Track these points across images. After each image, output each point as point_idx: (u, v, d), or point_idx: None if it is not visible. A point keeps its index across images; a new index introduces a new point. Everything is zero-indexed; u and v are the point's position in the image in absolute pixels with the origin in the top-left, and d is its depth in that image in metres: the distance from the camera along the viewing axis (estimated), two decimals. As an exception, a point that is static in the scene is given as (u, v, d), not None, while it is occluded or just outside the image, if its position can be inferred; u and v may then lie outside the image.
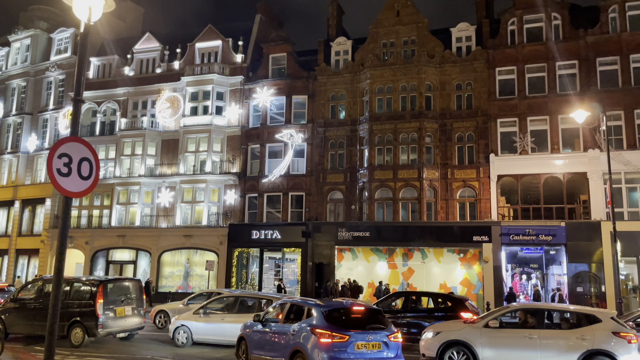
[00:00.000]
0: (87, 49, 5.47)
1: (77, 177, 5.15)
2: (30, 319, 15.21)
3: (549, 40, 29.10)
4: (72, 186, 5.11)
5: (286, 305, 10.81)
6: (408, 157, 30.08)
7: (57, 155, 5.04)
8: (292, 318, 10.46)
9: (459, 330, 11.20)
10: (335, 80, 32.85)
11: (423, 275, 28.69)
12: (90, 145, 5.43)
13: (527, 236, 26.88)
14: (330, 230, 30.50)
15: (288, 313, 10.60)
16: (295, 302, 10.77)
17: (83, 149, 5.29)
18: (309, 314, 9.84)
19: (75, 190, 5.15)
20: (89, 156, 5.34)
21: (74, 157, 5.16)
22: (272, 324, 10.77)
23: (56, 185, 5.02)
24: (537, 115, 28.72)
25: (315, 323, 9.46)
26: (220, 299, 15.32)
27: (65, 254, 4.96)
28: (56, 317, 4.85)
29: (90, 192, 5.34)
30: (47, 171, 5.03)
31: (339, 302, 10.50)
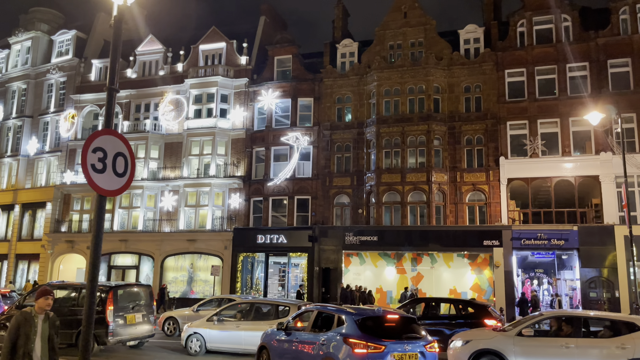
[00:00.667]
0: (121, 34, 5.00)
1: (112, 173, 4.67)
2: (37, 326, 14.64)
3: (559, 42, 28.74)
4: (107, 184, 4.64)
5: (313, 313, 10.27)
6: (416, 161, 29.63)
7: (91, 149, 4.56)
8: (320, 326, 9.94)
9: (491, 339, 10.71)
10: (342, 82, 32.42)
11: (432, 281, 28.20)
12: (125, 139, 4.95)
13: (539, 240, 26.43)
14: (337, 234, 30.02)
15: (315, 321, 10.08)
16: (323, 310, 10.24)
17: (118, 143, 4.81)
18: (339, 323, 9.32)
19: (110, 188, 4.67)
20: (124, 151, 4.86)
21: (108, 152, 4.69)
22: (298, 332, 10.23)
23: (91, 182, 4.54)
24: (547, 118, 28.32)
25: (348, 332, 8.93)
26: (234, 306, 14.79)
27: (100, 258, 4.48)
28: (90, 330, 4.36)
29: (124, 190, 4.86)
30: (82, 167, 4.55)
31: (372, 309, 9.98)
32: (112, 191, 4.68)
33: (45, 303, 5.89)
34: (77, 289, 14.78)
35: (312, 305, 11.63)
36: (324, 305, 10.83)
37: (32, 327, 5.64)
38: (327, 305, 10.87)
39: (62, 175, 37.10)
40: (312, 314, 10.26)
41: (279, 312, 13.63)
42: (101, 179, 4.58)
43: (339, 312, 9.56)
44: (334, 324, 9.48)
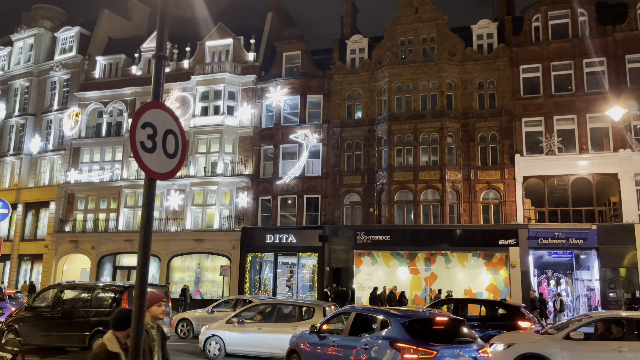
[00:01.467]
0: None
1: (162, 153, 4.04)
2: (47, 329, 13.96)
3: (575, 37, 28.15)
4: (157, 165, 4.00)
5: (350, 315, 9.57)
6: (429, 158, 29.01)
7: (140, 125, 3.93)
8: (359, 330, 9.26)
9: (536, 343, 10.05)
10: (352, 79, 31.78)
11: (447, 281, 27.55)
12: (176, 115, 4.31)
13: (557, 240, 25.80)
14: (347, 234, 29.38)
15: (353, 324, 9.39)
16: (362, 311, 9.57)
17: (168, 118, 4.17)
18: (383, 325, 8.63)
19: (161, 170, 4.04)
20: (175, 128, 4.22)
21: (158, 129, 4.05)
22: (333, 336, 9.55)
23: (140, 163, 3.90)
24: (564, 115, 27.70)
25: (394, 336, 8.24)
26: (254, 307, 14.11)
27: (150, 254, 3.85)
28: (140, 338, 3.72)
29: (175, 174, 4.22)
30: (131, 145, 3.92)
31: (417, 311, 9.30)
32: (162, 174, 4.05)
33: (160, 311, 5.02)
34: (90, 290, 14.11)
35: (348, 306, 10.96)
36: (363, 307, 10.14)
37: (151, 341, 4.84)
38: (366, 307, 10.20)
39: (66, 174, 36.44)
40: (350, 316, 9.55)
41: (303, 313, 12.96)
42: (151, 159, 3.95)
43: (382, 314, 8.87)
44: (377, 326, 8.79)
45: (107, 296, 13.78)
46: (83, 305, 13.98)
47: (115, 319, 4.44)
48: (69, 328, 13.62)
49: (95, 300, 13.88)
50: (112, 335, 4.39)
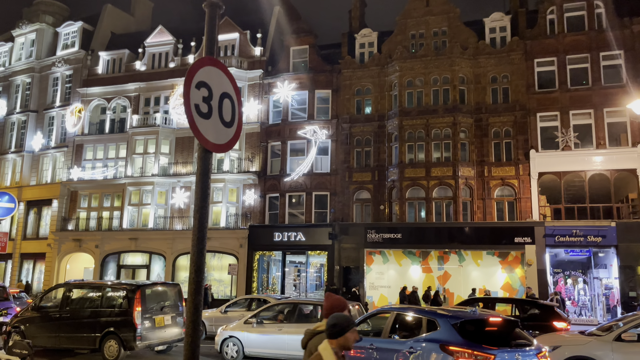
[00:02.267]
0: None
1: (218, 120, 3.38)
2: (55, 330, 13.26)
3: (591, 30, 27.48)
4: (214, 134, 3.34)
5: (390, 315, 8.83)
6: (441, 154, 28.34)
7: (194, 84, 3.25)
8: (400, 332, 8.54)
9: (584, 345, 9.36)
10: (361, 73, 31.09)
11: (460, 280, 26.89)
12: (232, 75, 3.63)
13: (574, 237, 25.13)
14: (358, 231, 28.70)
15: (393, 325, 8.67)
16: (403, 311, 8.84)
17: (224, 79, 3.50)
18: (430, 327, 7.92)
19: (217, 141, 3.37)
20: (231, 92, 3.55)
21: (214, 90, 3.38)
22: (370, 338, 8.82)
23: (195, 131, 3.24)
24: (580, 109, 27.03)
25: (445, 338, 7.53)
26: (274, 306, 13.41)
27: (205, 244, 3.18)
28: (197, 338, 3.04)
29: (232, 147, 3.54)
30: (185, 107, 3.24)
31: (466, 311, 8.57)
32: (219, 145, 3.38)
33: (353, 338, 3.88)
34: (100, 289, 13.41)
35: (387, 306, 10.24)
36: (404, 306, 9.41)
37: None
38: (408, 307, 9.48)
39: (68, 172, 35.73)
40: (389, 317, 8.82)
41: (326, 313, 12.28)
42: (207, 127, 3.28)
43: (428, 314, 8.15)
44: (422, 328, 8.07)
45: (119, 296, 13.08)
46: (93, 305, 13.29)
47: (333, 325, 3.78)
48: (79, 329, 12.94)
49: (106, 300, 13.19)
50: (327, 345, 3.76)
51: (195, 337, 3.04)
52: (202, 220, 3.12)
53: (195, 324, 3.03)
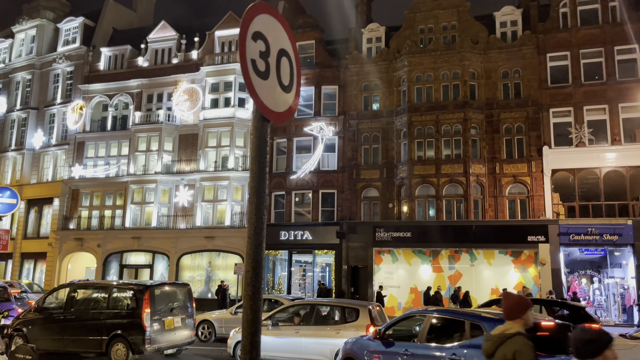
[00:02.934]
0: None
1: (276, 82, 2.76)
2: (59, 332, 12.61)
3: (605, 23, 26.84)
4: (272, 99, 2.72)
5: (427, 318, 8.16)
6: (452, 151, 27.69)
7: (250, 35, 2.62)
8: (439, 336, 7.88)
9: (630, 349, 8.72)
10: (368, 69, 30.42)
11: (472, 279, 26.25)
12: (289, 27, 2.99)
13: (590, 236, 24.50)
14: (366, 230, 28.07)
15: (430, 329, 8.00)
16: (441, 314, 8.18)
17: (281, 32, 2.89)
18: (475, 331, 7.27)
19: (276, 108, 2.75)
20: (289, 49, 2.94)
21: (271, 45, 2.75)
22: (403, 343, 8.16)
23: (252, 91, 2.61)
24: (594, 104, 26.38)
25: None
26: (290, 308, 12.76)
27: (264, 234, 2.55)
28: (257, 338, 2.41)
29: (291, 116, 2.91)
30: (240, 61, 2.61)
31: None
32: (278, 114, 2.76)
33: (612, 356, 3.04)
34: (106, 289, 12.75)
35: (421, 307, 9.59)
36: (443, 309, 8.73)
37: None
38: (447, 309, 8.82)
39: (70, 170, 35.07)
40: (425, 320, 8.15)
41: (346, 315, 11.63)
42: (264, 89, 2.65)
43: (473, 318, 7.49)
44: (466, 332, 7.41)
45: (127, 296, 12.42)
46: (99, 306, 12.64)
47: (588, 341, 2.98)
48: (84, 332, 12.29)
49: (113, 301, 12.53)
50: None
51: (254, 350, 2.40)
52: (259, 208, 2.50)
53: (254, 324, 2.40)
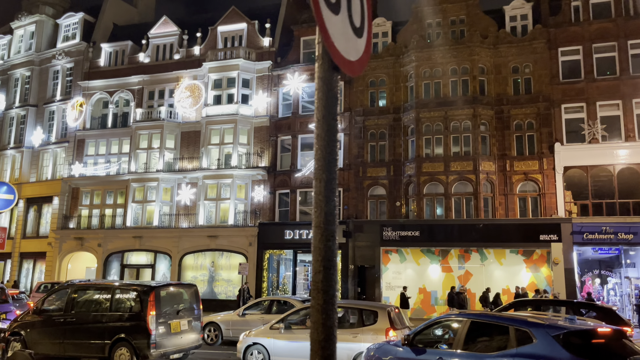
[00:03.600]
0: None
1: (347, 21, 2.13)
2: (60, 336, 11.93)
3: (618, 17, 26.19)
4: (343, 41, 2.12)
5: (463, 323, 7.45)
6: (461, 148, 27.04)
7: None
8: (478, 344, 7.19)
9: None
10: (375, 64, 29.75)
11: (482, 279, 25.61)
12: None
13: (604, 235, 23.86)
14: (373, 229, 27.41)
15: (468, 335, 7.31)
16: (480, 319, 7.46)
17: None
18: (522, 338, 6.57)
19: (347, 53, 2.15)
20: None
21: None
22: (436, 350, 7.46)
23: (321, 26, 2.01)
24: (607, 100, 25.74)
25: (546, 354, 6.12)
26: (303, 310, 12.08)
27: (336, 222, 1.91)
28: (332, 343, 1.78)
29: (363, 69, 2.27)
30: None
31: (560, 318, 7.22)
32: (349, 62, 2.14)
33: None
34: (108, 290, 12.08)
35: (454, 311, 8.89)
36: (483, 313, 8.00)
37: None
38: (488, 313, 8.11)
39: (69, 168, 34.40)
40: (461, 325, 7.44)
41: (364, 318, 10.97)
42: (335, 26, 2.03)
43: (519, 323, 6.79)
44: (511, 340, 6.69)
45: (131, 298, 11.75)
46: (101, 308, 11.97)
47: None
48: (86, 335, 11.64)
49: (116, 302, 11.86)
50: None
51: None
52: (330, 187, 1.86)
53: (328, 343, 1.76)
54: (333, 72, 2.02)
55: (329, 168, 1.90)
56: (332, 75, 2.01)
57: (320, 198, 1.87)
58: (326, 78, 2.00)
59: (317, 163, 1.91)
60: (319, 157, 1.91)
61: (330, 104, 1.99)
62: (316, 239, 1.86)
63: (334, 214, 1.89)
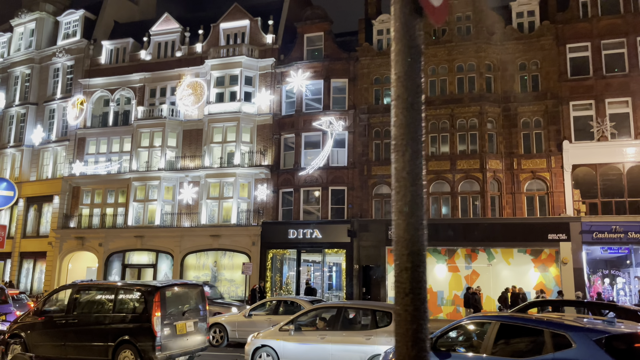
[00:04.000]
0: None
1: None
2: (61, 338, 11.54)
3: (627, 13, 25.81)
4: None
5: (493, 325, 7.03)
6: (467, 146, 26.67)
7: None
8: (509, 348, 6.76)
9: None
10: (380, 61, 29.38)
11: (490, 279, 25.22)
12: None
13: (614, 234, 23.46)
14: (378, 228, 27.01)
15: (498, 338, 6.87)
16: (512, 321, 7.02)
17: None
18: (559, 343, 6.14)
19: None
20: None
21: None
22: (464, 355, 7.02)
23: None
24: (616, 97, 25.35)
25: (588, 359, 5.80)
26: (314, 311, 11.68)
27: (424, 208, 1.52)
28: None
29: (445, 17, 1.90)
30: None
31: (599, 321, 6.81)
32: (432, 6, 1.72)
33: None
34: (112, 290, 11.68)
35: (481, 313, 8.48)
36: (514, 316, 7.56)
37: None
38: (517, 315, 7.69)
39: (70, 167, 34.00)
40: (490, 327, 7.01)
41: (378, 319, 10.57)
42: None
43: (555, 327, 6.36)
44: (547, 344, 6.26)
45: (135, 298, 11.35)
46: (104, 309, 11.57)
47: None
48: (88, 337, 11.24)
49: (120, 303, 11.46)
50: None
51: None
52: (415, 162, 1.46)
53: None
54: (415, 17, 1.63)
55: (414, 137, 1.52)
56: (414, 20, 1.63)
57: (403, 175, 1.49)
58: (407, 22, 1.63)
59: (397, 131, 1.54)
60: (399, 123, 1.53)
61: (414, 49, 1.61)
62: (400, 227, 1.48)
63: (421, 196, 1.50)
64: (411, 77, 1.55)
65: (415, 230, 1.50)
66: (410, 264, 1.49)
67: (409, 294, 1.49)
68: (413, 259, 1.49)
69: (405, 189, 1.52)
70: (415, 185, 1.52)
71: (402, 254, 1.50)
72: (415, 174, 1.52)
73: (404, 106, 1.54)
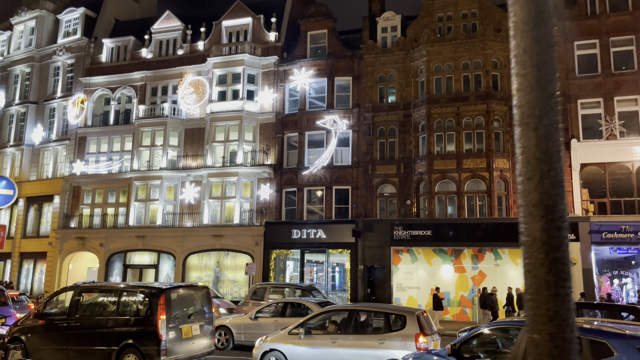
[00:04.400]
0: None
1: None
2: (63, 342, 11.16)
3: (636, 10, 25.47)
4: None
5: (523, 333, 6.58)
6: (474, 145, 26.29)
7: None
8: None
9: None
10: (384, 59, 29.01)
11: (497, 280, 24.83)
12: None
13: (624, 234, 23.11)
14: (383, 228, 26.65)
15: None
16: None
17: None
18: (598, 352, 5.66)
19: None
20: None
21: None
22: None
23: None
24: (625, 95, 24.99)
25: None
26: (325, 314, 11.31)
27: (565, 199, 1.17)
28: None
29: None
30: None
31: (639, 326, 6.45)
32: None
33: None
34: (116, 292, 11.31)
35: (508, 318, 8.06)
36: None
37: None
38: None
39: (71, 166, 33.62)
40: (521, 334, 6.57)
41: (391, 322, 10.20)
42: None
43: (594, 334, 5.95)
44: (584, 352, 5.82)
45: (139, 301, 10.98)
46: (108, 312, 11.20)
47: None
48: (91, 341, 10.87)
49: (123, 306, 11.09)
50: None
51: None
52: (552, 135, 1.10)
53: None
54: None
55: (548, 104, 1.14)
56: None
57: (537, 156, 1.12)
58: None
59: (522, 99, 1.15)
60: (528, 85, 1.15)
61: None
62: (534, 226, 1.10)
63: (562, 185, 1.14)
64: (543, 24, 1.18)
65: (558, 230, 1.13)
66: (553, 277, 1.12)
67: (554, 319, 1.12)
68: (558, 270, 1.13)
69: (540, 174, 1.15)
70: (555, 170, 1.16)
71: (540, 263, 1.13)
72: (552, 154, 1.16)
73: (533, 63, 1.17)
